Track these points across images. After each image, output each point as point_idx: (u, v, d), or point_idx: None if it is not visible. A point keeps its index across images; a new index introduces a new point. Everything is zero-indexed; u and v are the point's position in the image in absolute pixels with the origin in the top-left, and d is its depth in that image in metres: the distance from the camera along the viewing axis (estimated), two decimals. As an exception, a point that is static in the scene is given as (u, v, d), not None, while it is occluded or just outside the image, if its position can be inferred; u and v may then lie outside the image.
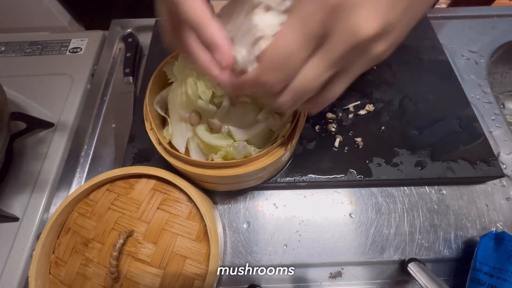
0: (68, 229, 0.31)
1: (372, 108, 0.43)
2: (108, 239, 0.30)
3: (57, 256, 0.30)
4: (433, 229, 0.37)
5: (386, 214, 0.38)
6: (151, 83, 0.33)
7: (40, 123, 0.45)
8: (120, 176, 0.33)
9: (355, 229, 0.37)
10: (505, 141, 0.43)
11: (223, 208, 0.39)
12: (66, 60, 0.53)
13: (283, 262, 0.36)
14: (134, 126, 0.42)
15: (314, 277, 0.35)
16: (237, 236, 0.37)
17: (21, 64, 0.52)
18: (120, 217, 0.31)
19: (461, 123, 0.41)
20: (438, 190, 0.39)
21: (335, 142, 0.40)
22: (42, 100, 0.48)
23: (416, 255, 0.36)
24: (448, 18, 0.56)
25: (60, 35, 0.56)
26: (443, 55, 0.48)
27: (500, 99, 0.64)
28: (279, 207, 0.39)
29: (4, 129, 0.37)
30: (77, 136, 0.45)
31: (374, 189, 0.40)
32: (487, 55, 0.51)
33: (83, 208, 0.32)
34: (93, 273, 0.29)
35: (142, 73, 0.51)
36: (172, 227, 0.30)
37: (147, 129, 0.32)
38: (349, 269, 0.35)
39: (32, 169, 0.42)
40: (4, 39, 0.55)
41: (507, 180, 0.40)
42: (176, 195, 0.32)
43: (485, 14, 0.56)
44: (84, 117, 0.47)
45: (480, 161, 0.38)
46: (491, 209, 0.38)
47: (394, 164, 0.38)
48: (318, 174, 0.38)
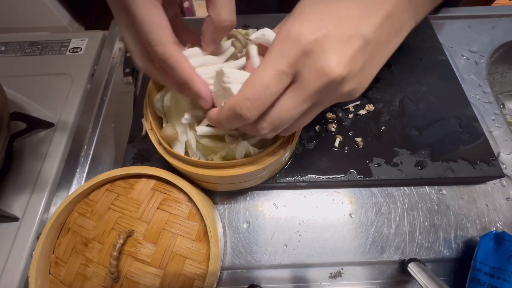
0: (68, 229, 0.31)
1: (372, 108, 0.43)
2: (108, 239, 0.30)
3: (57, 256, 0.30)
4: (433, 229, 0.37)
5: (386, 214, 0.38)
6: (151, 83, 0.33)
7: (40, 123, 0.45)
8: (120, 176, 0.33)
9: (355, 229, 0.37)
10: (505, 141, 0.43)
11: (223, 208, 0.39)
12: (66, 60, 0.53)
13: (283, 262, 0.36)
14: (134, 126, 0.42)
15: (314, 277, 0.35)
16: (237, 236, 0.37)
17: (21, 64, 0.52)
18: (120, 217, 0.31)
19: (461, 123, 0.41)
20: (438, 190, 0.39)
21: (335, 142, 0.40)
22: (42, 100, 0.48)
23: (416, 255, 0.36)
24: (448, 18, 0.56)
25: (60, 35, 0.56)
26: (443, 55, 0.48)
27: (500, 99, 0.64)
28: (279, 207, 0.39)
29: (4, 129, 0.37)
30: (77, 136, 0.45)
31: (374, 189, 0.40)
32: (487, 55, 0.51)
33: (83, 208, 0.32)
34: (93, 273, 0.29)
35: (142, 73, 0.51)
36: (172, 227, 0.30)
37: (147, 129, 0.32)
38: (349, 269, 0.35)
39: (32, 169, 0.42)
40: (4, 39, 0.55)
41: (507, 180, 0.40)
42: (176, 195, 0.32)
43: (485, 14, 0.56)
44: (84, 117, 0.47)
45: (480, 161, 0.38)
46: (491, 209, 0.38)
47: (394, 164, 0.38)
48: (318, 174, 0.38)
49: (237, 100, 0.20)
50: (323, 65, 0.18)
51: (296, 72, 0.19)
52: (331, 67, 0.18)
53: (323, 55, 0.18)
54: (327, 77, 0.18)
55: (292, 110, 0.21)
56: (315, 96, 0.20)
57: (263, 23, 0.29)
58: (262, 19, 0.55)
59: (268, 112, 0.21)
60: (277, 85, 0.19)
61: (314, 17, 0.19)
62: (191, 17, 0.61)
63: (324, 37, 0.18)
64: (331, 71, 0.18)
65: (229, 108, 0.21)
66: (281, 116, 0.21)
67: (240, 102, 0.20)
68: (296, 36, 0.18)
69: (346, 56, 0.19)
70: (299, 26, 0.19)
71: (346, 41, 0.19)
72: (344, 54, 0.18)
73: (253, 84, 0.20)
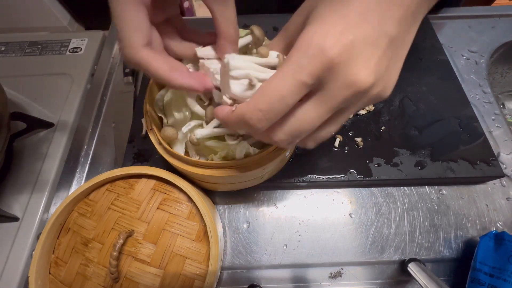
0: (68, 229, 0.31)
1: (372, 108, 0.43)
2: (108, 239, 0.30)
3: (57, 256, 0.30)
4: (433, 229, 0.37)
5: (386, 214, 0.38)
6: (151, 83, 0.33)
7: (40, 123, 0.45)
8: (120, 176, 0.33)
9: (355, 229, 0.37)
10: (505, 141, 0.43)
11: (223, 208, 0.39)
12: (66, 60, 0.53)
13: (283, 262, 0.36)
14: (134, 126, 0.42)
15: (314, 277, 0.35)
16: (237, 236, 0.37)
17: (21, 64, 0.52)
18: (120, 217, 0.31)
19: (461, 123, 0.41)
20: (438, 190, 0.39)
21: (335, 142, 0.40)
22: (42, 100, 0.48)
23: (416, 255, 0.36)
24: (448, 18, 0.56)
25: (60, 35, 0.56)
26: (443, 55, 0.48)
27: (500, 99, 0.64)
28: (279, 207, 0.39)
29: (4, 129, 0.37)
30: (77, 136, 0.45)
31: (374, 189, 0.40)
32: (487, 55, 0.51)
33: (83, 208, 0.32)
34: (93, 273, 0.29)
35: (142, 73, 0.51)
36: (172, 227, 0.30)
37: (147, 129, 0.32)
38: (349, 269, 0.35)
39: (32, 169, 0.42)
40: (4, 39, 0.55)
41: (507, 180, 0.40)
42: (176, 195, 0.32)
43: (485, 14, 0.56)
44: (84, 117, 0.47)
45: (480, 161, 0.38)
46: (491, 209, 0.38)
47: (394, 164, 0.38)
48: (318, 174, 0.38)
49: (248, 109, 0.19)
50: (350, 75, 0.17)
51: (318, 83, 0.18)
52: (360, 77, 0.17)
53: (350, 65, 0.17)
54: (356, 87, 0.18)
55: (315, 120, 0.19)
56: (341, 105, 0.19)
57: (264, 23, 0.29)
58: (263, 19, 0.55)
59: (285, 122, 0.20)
60: (294, 97, 0.18)
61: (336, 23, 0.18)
62: (191, 17, 0.61)
63: (349, 44, 0.17)
64: (359, 81, 0.17)
65: (239, 115, 0.20)
66: (302, 127, 0.20)
67: (251, 112, 0.19)
68: (320, 45, 0.17)
69: (373, 62, 0.18)
70: (322, 33, 0.17)
71: (372, 45, 0.18)
72: (371, 60, 0.18)
73: (268, 94, 0.18)
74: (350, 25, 0.17)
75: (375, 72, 0.18)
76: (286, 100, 0.18)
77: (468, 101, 0.43)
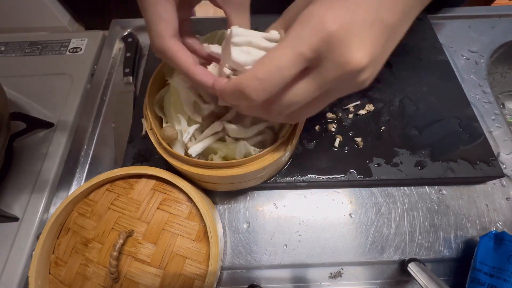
0: (68, 229, 0.31)
1: (372, 108, 0.43)
2: (108, 239, 0.30)
3: (57, 256, 0.30)
4: (433, 229, 0.37)
5: (386, 214, 0.38)
6: (151, 83, 0.33)
7: (40, 123, 0.45)
8: (120, 176, 0.33)
9: (355, 229, 0.37)
10: (505, 141, 0.43)
11: (223, 208, 0.39)
12: (66, 60, 0.53)
13: (283, 262, 0.36)
14: (134, 126, 0.42)
15: (314, 277, 0.35)
16: (237, 236, 0.37)
17: (21, 64, 0.52)
18: (120, 217, 0.31)
19: (461, 123, 0.41)
20: (438, 190, 0.39)
21: (335, 142, 0.40)
22: (42, 100, 0.48)
23: (416, 255, 0.36)
24: (448, 18, 0.56)
25: (60, 35, 0.56)
26: (443, 55, 0.48)
27: (500, 99, 0.64)
28: (279, 207, 0.39)
29: (4, 129, 0.37)
30: (77, 136, 0.45)
31: (374, 189, 0.40)
32: (487, 55, 0.51)
33: (83, 208, 0.32)
34: (93, 273, 0.29)
35: (142, 73, 0.51)
36: (172, 227, 0.30)
37: (147, 129, 0.32)
38: (349, 269, 0.35)
39: (32, 169, 0.42)
40: (4, 39, 0.55)
41: (507, 180, 0.40)
42: (176, 195, 0.32)
43: (485, 14, 0.56)
44: (84, 117, 0.47)
45: (480, 161, 0.38)
46: (491, 209, 0.38)
47: (394, 164, 0.38)
48: (318, 174, 0.38)
49: (245, 77, 0.19)
50: (346, 55, 0.18)
51: (315, 58, 0.18)
52: (355, 57, 0.18)
53: (347, 44, 0.18)
54: (350, 67, 0.18)
55: (303, 95, 0.20)
56: (331, 84, 0.19)
57: (264, 23, 0.29)
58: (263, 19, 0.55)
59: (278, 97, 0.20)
60: (292, 68, 0.18)
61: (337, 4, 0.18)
62: (191, 17, 0.61)
63: (349, 22, 0.18)
64: (354, 62, 0.18)
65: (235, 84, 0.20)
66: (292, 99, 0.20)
67: (248, 80, 0.19)
68: (321, 19, 0.18)
69: (369, 45, 0.18)
70: (324, 10, 0.18)
71: (369, 28, 0.18)
72: (367, 43, 0.18)
73: (266, 63, 0.19)
74: (350, 8, 0.18)
75: (370, 55, 0.18)
76: (284, 71, 0.18)
77: (468, 101, 0.43)
